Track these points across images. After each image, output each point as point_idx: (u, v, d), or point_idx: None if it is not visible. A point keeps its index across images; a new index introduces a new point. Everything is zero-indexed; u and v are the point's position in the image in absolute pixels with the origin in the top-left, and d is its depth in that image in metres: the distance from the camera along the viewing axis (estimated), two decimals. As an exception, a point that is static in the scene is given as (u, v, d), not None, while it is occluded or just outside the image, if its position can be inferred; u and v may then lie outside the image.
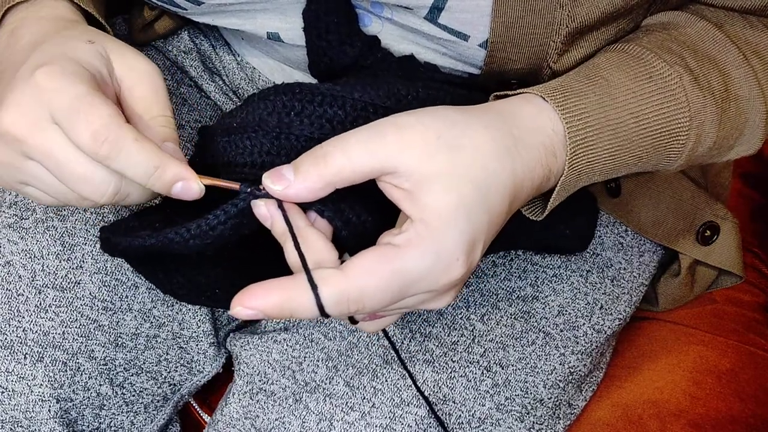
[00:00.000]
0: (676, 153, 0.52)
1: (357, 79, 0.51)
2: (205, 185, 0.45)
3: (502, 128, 0.45)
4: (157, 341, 0.64)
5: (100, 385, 0.61)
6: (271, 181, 0.43)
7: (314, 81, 0.59)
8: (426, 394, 0.59)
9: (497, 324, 0.62)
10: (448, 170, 0.42)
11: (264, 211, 0.44)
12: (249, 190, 0.44)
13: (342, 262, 0.43)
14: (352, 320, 0.46)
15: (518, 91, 0.49)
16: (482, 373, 0.61)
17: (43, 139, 0.44)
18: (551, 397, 0.63)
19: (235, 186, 0.45)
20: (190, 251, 0.45)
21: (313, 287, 0.41)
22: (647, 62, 0.51)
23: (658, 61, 0.51)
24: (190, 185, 0.44)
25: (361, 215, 0.45)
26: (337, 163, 0.42)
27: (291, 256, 0.44)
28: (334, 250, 0.44)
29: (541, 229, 0.57)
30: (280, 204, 0.44)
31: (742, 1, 0.55)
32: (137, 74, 0.47)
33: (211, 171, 0.48)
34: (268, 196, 0.44)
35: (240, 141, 0.47)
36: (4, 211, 0.62)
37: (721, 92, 0.52)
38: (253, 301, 0.41)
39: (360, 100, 0.47)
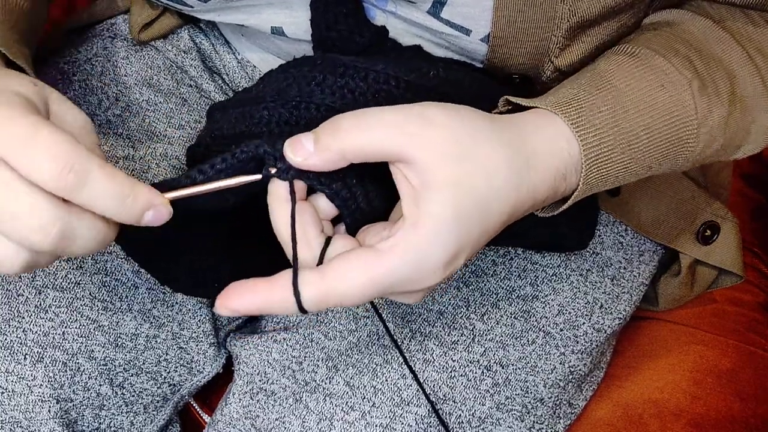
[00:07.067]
0: (684, 159, 0.52)
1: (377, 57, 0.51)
2: (209, 190, 0.43)
3: (519, 149, 0.45)
4: (156, 341, 0.64)
5: (100, 385, 0.61)
6: (291, 150, 0.43)
7: None
8: (426, 393, 0.59)
9: (497, 323, 0.62)
10: (455, 181, 0.42)
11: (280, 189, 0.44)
12: (273, 173, 0.43)
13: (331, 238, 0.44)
14: None
15: (530, 102, 0.48)
16: (482, 372, 0.61)
17: None
18: (551, 397, 0.63)
19: (251, 178, 0.43)
20: (206, 206, 0.44)
21: (296, 293, 0.42)
22: (658, 68, 0.50)
23: (668, 66, 0.50)
24: (161, 212, 0.42)
25: (371, 201, 0.45)
26: (358, 141, 0.42)
27: (283, 235, 0.44)
28: (323, 238, 0.45)
29: (544, 227, 0.57)
30: (291, 189, 0.43)
31: None
32: (72, 128, 0.43)
33: (220, 144, 0.47)
34: (280, 173, 0.43)
35: (256, 111, 0.46)
36: (3, 212, 0.62)
37: (729, 95, 0.52)
38: (235, 303, 0.42)
39: (383, 72, 0.45)
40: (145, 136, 0.67)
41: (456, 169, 0.42)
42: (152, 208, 0.41)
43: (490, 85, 0.56)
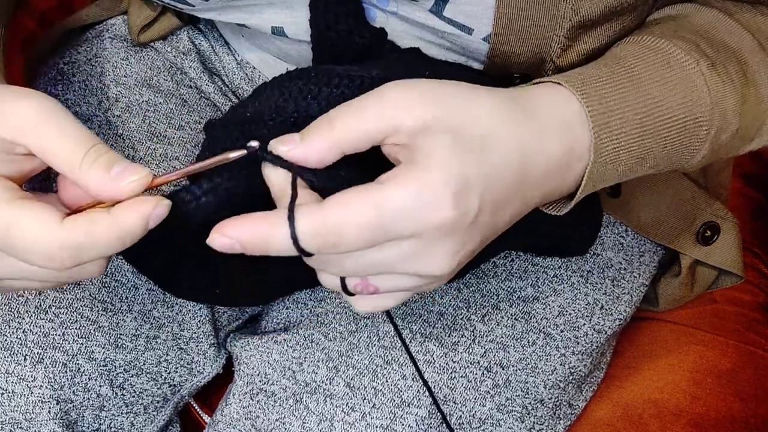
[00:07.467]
0: (700, 141, 0.50)
1: (372, 62, 0.50)
2: (195, 170, 0.43)
3: (509, 98, 0.44)
4: (157, 342, 0.64)
5: (100, 386, 0.61)
6: (280, 142, 0.42)
7: None
8: (427, 394, 0.59)
9: (498, 324, 0.62)
10: (441, 116, 0.41)
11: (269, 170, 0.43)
12: (258, 148, 0.42)
13: None
14: (345, 289, 0.44)
15: (534, 81, 0.48)
16: (483, 373, 0.61)
17: (10, 278, 0.42)
18: (552, 398, 0.63)
19: (238, 153, 0.42)
20: (200, 215, 0.43)
21: (291, 218, 0.39)
22: (663, 50, 0.50)
23: (673, 48, 0.50)
24: (159, 213, 0.41)
25: None
26: (341, 124, 0.41)
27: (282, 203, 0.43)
28: None
29: (551, 224, 0.56)
30: (282, 161, 0.42)
31: None
32: (38, 126, 0.41)
33: (223, 165, 0.47)
34: (274, 159, 0.42)
35: (257, 131, 0.45)
36: (3, 212, 0.62)
37: (740, 78, 0.51)
38: (230, 229, 0.40)
39: (378, 78, 0.45)
40: (144, 136, 0.67)
41: (440, 110, 0.41)
42: (150, 219, 0.41)
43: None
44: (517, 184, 0.43)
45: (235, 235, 0.40)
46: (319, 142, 0.41)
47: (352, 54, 0.55)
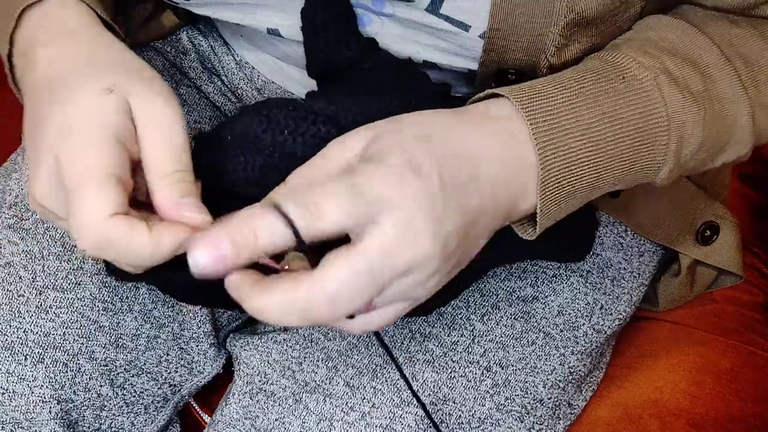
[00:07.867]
0: (661, 155, 0.50)
1: (351, 88, 0.51)
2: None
3: (447, 113, 0.46)
4: (157, 342, 0.64)
5: (101, 386, 0.62)
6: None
7: (311, 79, 0.59)
8: (426, 394, 0.59)
9: (497, 324, 0.62)
10: (388, 152, 0.42)
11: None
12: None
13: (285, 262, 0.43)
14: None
15: (488, 91, 0.49)
16: (482, 373, 0.61)
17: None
18: (551, 397, 0.63)
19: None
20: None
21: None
22: (621, 65, 0.50)
23: (632, 63, 0.50)
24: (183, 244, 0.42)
25: None
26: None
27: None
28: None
29: (538, 241, 0.56)
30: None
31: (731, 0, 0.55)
32: (154, 127, 0.44)
33: (207, 181, 0.48)
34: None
35: (234, 156, 0.47)
36: (4, 212, 0.63)
37: (701, 92, 0.51)
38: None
39: (353, 121, 0.46)
40: (145, 136, 0.67)
41: (384, 143, 0.42)
42: (179, 247, 0.42)
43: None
44: (468, 186, 0.43)
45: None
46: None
47: (340, 63, 0.56)
